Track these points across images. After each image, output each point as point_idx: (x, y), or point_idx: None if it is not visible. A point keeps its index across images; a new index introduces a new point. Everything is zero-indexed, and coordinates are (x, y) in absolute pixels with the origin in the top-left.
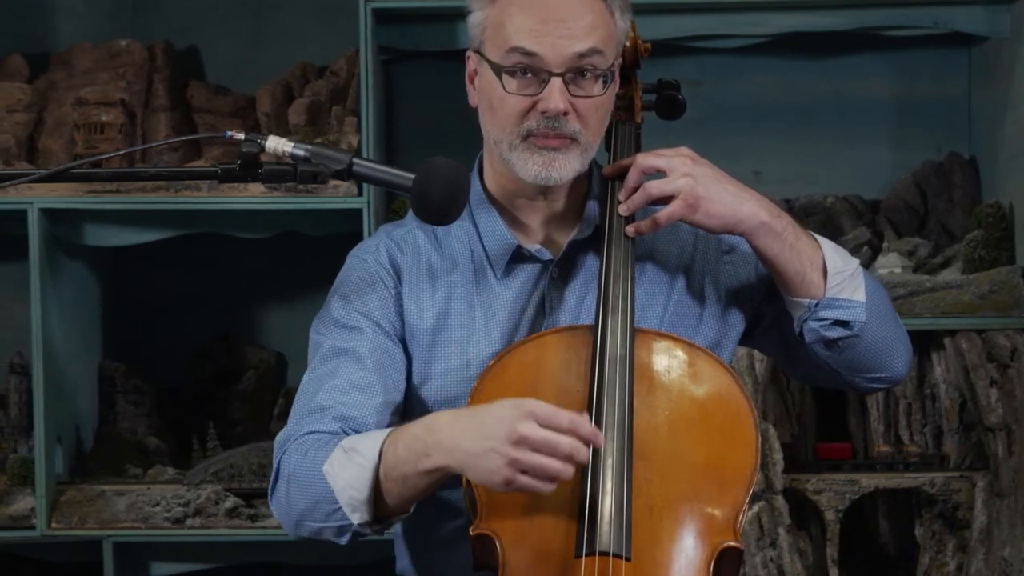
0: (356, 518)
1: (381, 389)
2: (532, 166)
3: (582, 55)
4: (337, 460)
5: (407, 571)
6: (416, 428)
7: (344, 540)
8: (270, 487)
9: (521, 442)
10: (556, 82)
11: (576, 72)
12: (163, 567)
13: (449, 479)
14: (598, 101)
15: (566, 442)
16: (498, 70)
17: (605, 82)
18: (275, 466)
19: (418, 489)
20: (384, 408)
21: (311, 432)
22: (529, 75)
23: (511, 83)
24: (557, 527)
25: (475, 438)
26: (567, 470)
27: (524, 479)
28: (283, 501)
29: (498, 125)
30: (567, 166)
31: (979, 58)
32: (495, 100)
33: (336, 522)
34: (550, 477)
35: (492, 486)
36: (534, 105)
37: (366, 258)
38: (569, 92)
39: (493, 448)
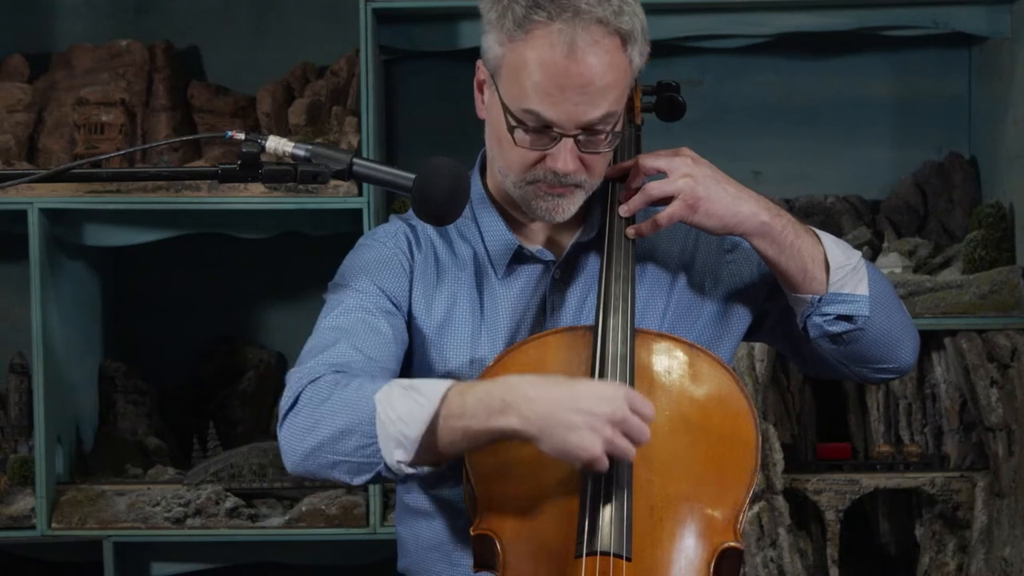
0: (399, 455)
1: (395, 363)
2: (538, 210)
3: (596, 121)
4: (393, 393)
5: (407, 570)
6: (489, 385)
7: (359, 480)
8: (281, 416)
9: (620, 424)
10: (568, 143)
11: (588, 132)
12: (163, 567)
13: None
14: (605, 152)
15: (648, 433)
16: (510, 124)
17: (615, 135)
18: (295, 394)
19: (475, 444)
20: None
21: (343, 371)
22: (541, 131)
23: (522, 138)
24: (557, 527)
25: (569, 410)
26: None
27: (605, 461)
28: (301, 427)
29: (505, 162)
30: (572, 207)
31: (979, 58)
32: (504, 140)
33: (361, 458)
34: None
35: (572, 459)
36: (543, 158)
37: (385, 241)
38: (579, 150)
39: (591, 425)
